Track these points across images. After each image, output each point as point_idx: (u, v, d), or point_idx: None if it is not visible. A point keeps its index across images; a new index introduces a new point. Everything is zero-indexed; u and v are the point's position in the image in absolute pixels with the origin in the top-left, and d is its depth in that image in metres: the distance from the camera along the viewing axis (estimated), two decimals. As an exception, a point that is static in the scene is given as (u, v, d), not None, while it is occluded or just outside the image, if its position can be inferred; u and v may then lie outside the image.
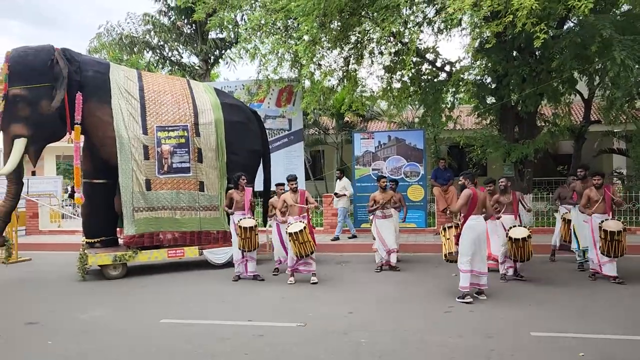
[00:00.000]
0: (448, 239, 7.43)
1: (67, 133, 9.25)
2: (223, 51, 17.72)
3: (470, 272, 6.97)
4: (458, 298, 6.95)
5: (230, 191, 9.13)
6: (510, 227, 7.89)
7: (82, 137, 9.38)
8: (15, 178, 9.10)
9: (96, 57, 14.78)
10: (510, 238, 7.75)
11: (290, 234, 8.12)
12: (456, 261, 7.16)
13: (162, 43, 17.51)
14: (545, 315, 6.24)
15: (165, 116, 9.76)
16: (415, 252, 11.04)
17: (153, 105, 9.78)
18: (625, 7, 11.34)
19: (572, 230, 8.92)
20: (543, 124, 14.14)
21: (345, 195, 12.47)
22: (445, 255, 7.48)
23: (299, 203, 8.60)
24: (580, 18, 9.89)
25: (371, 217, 9.47)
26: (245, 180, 9.01)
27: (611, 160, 19.40)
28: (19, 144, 8.93)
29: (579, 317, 6.10)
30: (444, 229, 7.58)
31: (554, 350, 5.04)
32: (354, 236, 12.47)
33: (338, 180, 12.80)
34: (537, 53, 11.47)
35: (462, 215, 7.08)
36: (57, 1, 77.43)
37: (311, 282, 8.35)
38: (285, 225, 8.62)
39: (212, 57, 17.91)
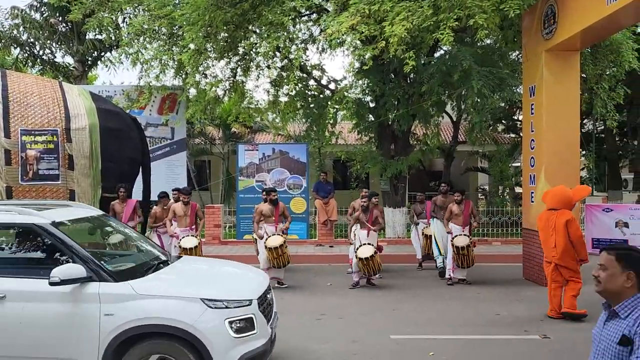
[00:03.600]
0: None
1: None
2: (102, 53, 16.84)
3: None
4: None
5: (112, 202, 8.80)
6: (360, 245, 8.46)
7: None
8: None
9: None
10: (360, 259, 8.31)
11: (184, 249, 8.19)
12: None
13: (32, 40, 16.23)
14: (405, 320, 6.80)
15: (32, 119, 9.11)
16: (296, 262, 11.33)
17: (18, 107, 9.08)
18: (489, 41, 12.76)
19: (434, 239, 9.66)
20: (416, 143, 15.30)
21: None
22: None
23: (189, 216, 8.88)
24: (446, 48, 10.95)
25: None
26: (124, 191, 8.71)
27: (477, 177, 21.51)
28: None
29: (435, 321, 6.74)
30: None
31: (409, 351, 5.54)
32: None
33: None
34: (410, 77, 12.46)
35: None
36: None
37: None
38: (174, 238, 8.65)
39: (89, 59, 16.96)
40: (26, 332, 4.01)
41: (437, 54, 12.83)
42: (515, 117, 18.32)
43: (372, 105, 13.75)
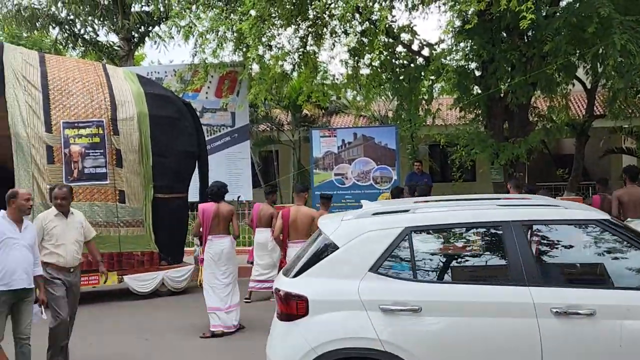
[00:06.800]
0: None
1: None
2: (150, 28, 17.69)
3: None
4: None
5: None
6: None
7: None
8: None
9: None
10: None
11: None
12: None
13: (72, 17, 17.34)
14: None
15: (74, 109, 9.72)
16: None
17: (59, 96, 9.73)
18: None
19: None
20: (537, 120, 14.70)
21: None
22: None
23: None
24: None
25: None
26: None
27: (620, 161, 20.29)
28: None
29: None
30: None
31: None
32: None
33: None
34: (527, 35, 11.98)
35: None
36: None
37: None
38: None
39: (136, 35, 17.85)
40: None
41: (563, 2, 12.25)
42: (674, 80, 17.10)
43: (478, 73, 13.37)
